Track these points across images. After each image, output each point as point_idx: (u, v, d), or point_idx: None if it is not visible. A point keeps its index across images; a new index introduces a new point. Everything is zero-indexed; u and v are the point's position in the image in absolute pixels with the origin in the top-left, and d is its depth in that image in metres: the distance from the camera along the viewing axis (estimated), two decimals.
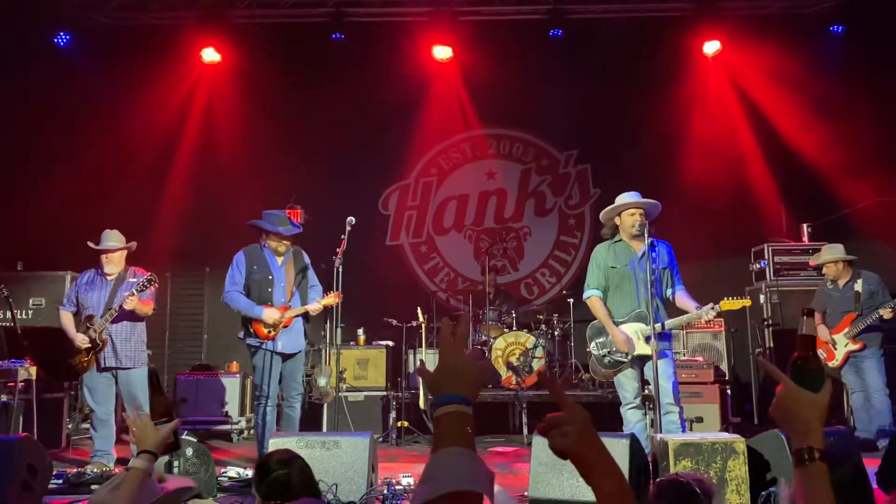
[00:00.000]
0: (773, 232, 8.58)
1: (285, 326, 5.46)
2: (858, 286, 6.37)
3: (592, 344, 5.05)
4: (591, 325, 5.13)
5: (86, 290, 5.71)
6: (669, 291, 5.10)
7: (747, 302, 4.96)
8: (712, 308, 4.78)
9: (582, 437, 1.27)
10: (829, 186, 8.23)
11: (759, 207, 8.76)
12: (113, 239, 5.76)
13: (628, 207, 5.03)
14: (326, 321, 7.08)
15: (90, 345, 5.57)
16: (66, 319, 5.73)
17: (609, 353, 4.95)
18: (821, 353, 6.56)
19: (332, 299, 5.55)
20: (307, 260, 5.76)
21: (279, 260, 5.62)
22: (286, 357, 5.54)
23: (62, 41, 8.38)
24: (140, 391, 5.67)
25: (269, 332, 5.42)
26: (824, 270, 6.63)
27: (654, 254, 4.91)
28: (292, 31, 8.66)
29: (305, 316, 5.61)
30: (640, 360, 4.93)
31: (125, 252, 5.83)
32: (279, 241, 5.56)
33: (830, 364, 6.50)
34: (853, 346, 6.32)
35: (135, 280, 5.65)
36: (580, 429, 1.27)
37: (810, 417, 1.42)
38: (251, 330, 5.47)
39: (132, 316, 5.67)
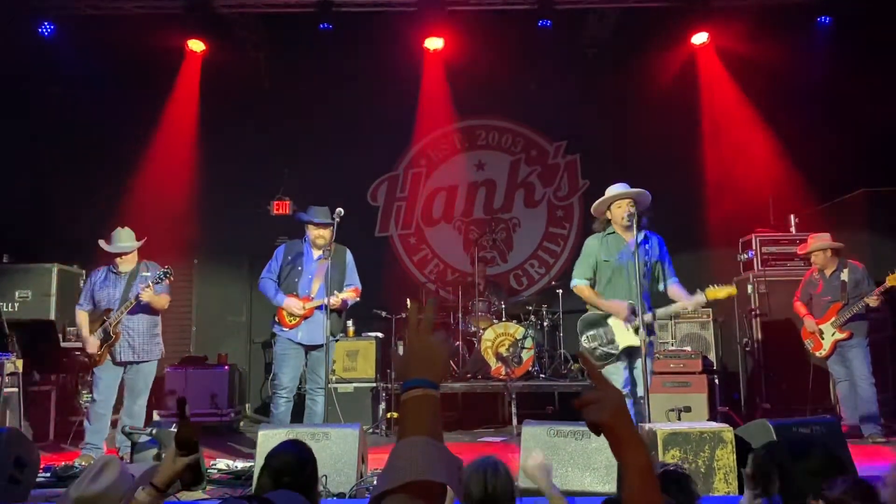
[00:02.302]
0: (761, 222, 8.62)
1: (306, 317, 5.59)
2: (844, 276, 6.41)
3: (583, 337, 5.06)
4: (581, 319, 5.14)
5: (101, 287, 5.79)
6: (661, 285, 5.11)
7: (733, 290, 4.93)
8: (698, 294, 4.81)
9: (615, 412, 1.36)
10: (817, 177, 8.27)
11: (747, 198, 8.79)
12: (124, 239, 5.83)
13: (616, 199, 5.05)
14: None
15: (100, 345, 5.62)
16: (81, 318, 5.78)
17: (600, 345, 4.97)
18: (808, 343, 6.60)
19: (351, 293, 5.66)
20: (349, 259, 5.82)
21: (315, 254, 5.75)
22: (308, 349, 5.65)
23: (46, 31, 8.29)
24: (144, 382, 5.77)
25: (291, 320, 5.59)
26: (812, 259, 6.66)
27: (647, 246, 4.92)
28: (279, 21, 8.58)
29: (330, 310, 5.61)
30: (629, 352, 4.95)
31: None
32: (316, 233, 5.70)
33: (818, 354, 6.55)
34: (840, 336, 6.36)
35: (148, 274, 5.75)
36: (614, 406, 1.37)
37: None
38: (277, 318, 5.68)
39: (148, 309, 5.75)
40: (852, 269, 6.45)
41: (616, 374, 4.97)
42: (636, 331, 4.82)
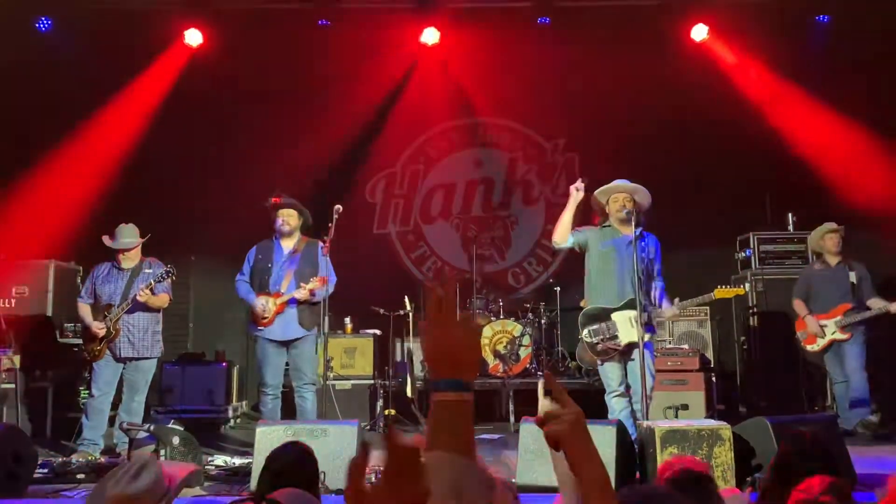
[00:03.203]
0: (759, 221, 8.63)
1: (278, 313, 5.60)
2: (853, 277, 6.40)
3: (585, 331, 5.04)
4: (583, 312, 5.14)
5: (103, 282, 5.79)
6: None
7: (741, 291, 5.11)
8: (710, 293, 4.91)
9: (573, 429, 1.39)
10: (815, 176, 8.27)
11: (745, 196, 8.80)
12: (128, 235, 5.83)
13: (613, 192, 5.10)
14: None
15: (104, 333, 5.62)
16: (84, 311, 5.80)
17: (602, 340, 4.96)
18: (801, 335, 6.58)
19: (316, 283, 5.64)
20: (321, 252, 5.80)
21: (285, 250, 5.80)
22: (285, 344, 5.66)
23: (44, 26, 8.26)
24: (144, 379, 5.77)
25: (264, 319, 5.61)
26: (827, 240, 6.61)
27: (643, 243, 4.95)
28: (277, 17, 8.55)
29: (301, 303, 5.67)
30: (628, 349, 4.96)
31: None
32: (282, 219, 5.79)
33: (809, 348, 6.52)
34: (841, 336, 6.33)
35: (150, 271, 5.76)
36: (572, 422, 1.40)
37: None
38: (251, 318, 5.75)
39: (148, 307, 5.74)
40: (857, 269, 6.46)
41: (614, 371, 4.97)
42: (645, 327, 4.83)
